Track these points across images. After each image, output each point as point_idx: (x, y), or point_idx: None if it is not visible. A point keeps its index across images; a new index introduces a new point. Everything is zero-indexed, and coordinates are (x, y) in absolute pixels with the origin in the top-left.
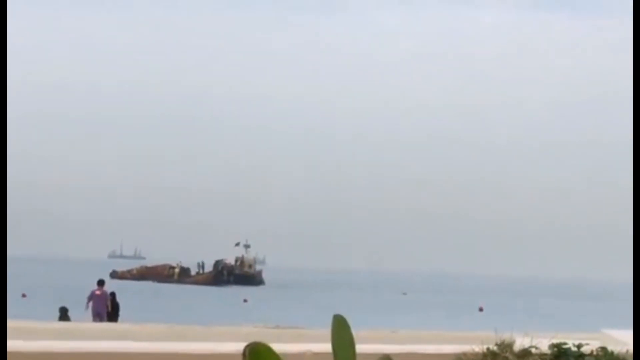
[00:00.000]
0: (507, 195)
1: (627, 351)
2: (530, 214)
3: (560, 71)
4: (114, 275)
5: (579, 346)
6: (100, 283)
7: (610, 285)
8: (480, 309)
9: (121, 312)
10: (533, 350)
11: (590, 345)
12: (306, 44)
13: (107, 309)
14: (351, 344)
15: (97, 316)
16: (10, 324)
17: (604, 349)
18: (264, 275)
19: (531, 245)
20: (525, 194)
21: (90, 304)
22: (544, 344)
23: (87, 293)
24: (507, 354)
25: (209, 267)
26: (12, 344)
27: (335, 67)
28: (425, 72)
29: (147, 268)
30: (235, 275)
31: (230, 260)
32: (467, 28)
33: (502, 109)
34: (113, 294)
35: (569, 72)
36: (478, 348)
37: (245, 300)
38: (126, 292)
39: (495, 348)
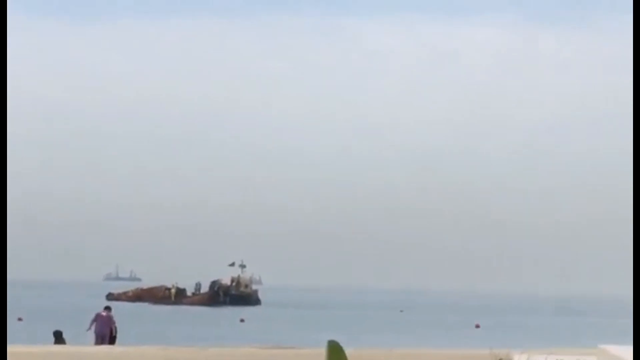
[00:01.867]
0: (500, 211)
1: None
2: (525, 230)
3: (553, 87)
4: (110, 297)
5: None
6: (107, 308)
7: (607, 300)
8: (477, 326)
9: (117, 335)
10: None
11: None
12: (304, 65)
13: (112, 332)
14: None
15: (100, 338)
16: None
17: None
18: (260, 295)
19: (527, 262)
20: (520, 209)
21: (94, 325)
22: None
23: (84, 315)
24: None
25: (205, 288)
26: None
27: (332, 86)
28: (418, 89)
29: (143, 290)
30: (232, 295)
31: (227, 280)
32: (460, 45)
33: (495, 124)
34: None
35: (562, 88)
36: None
37: (242, 320)
38: (122, 315)
39: None
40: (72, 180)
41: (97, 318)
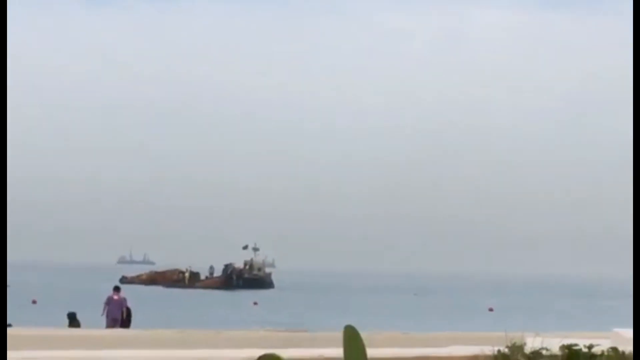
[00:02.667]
0: (516, 194)
1: None
2: (539, 213)
3: (565, 70)
4: (124, 280)
5: (589, 347)
6: (117, 289)
7: (622, 283)
8: (490, 310)
9: (132, 318)
10: (544, 352)
11: (601, 346)
12: (311, 45)
13: (123, 315)
14: (363, 355)
15: (113, 321)
16: (20, 331)
17: (614, 349)
18: (274, 278)
19: (541, 245)
20: (535, 193)
21: (107, 309)
22: (554, 345)
23: (98, 298)
24: (519, 356)
25: (218, 272)
26: (20, 354)
27: (343, 67)
28: (429, 72)
29: (156, 273)
30: (245, 278)
31: (240, 264)
32: (470, 28)
33: (506, 108)
34: (124, 300)
35: (577, 71)
36: (489, 350)
37: (255, 303)
38: (136, 298)
39: (506, 350)
40: (87, 163)
41: (110, 301)
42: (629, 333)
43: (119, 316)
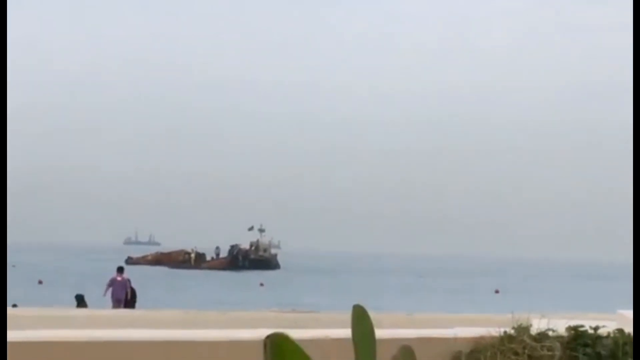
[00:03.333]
0: (519, 177)
1: None
2: (544, 195)
3: (572, 55)
4: (130, 261)
5: (595, 328)
6: (120, 270)
7: (626, 265)
8: (496, 291)
9: (137, 298)
10: (550, 333)
11: (607, 327)
12: (316, 32)
13: (127, 295)
14: (371, 334)
15: (117, 302)
16: (25, 311)
17: (620, 330)
18: (280, 260)
19: (546, 227)
20: (537, 175)
21: (110, 290)
22: (560, 326)
23: (104, 279)
24: (525, 337)
25: (224, 252)
26: (25, 334)
27: (348, 54)
28: (436, 57)
29: (162, 254)
30: (251, 259)
31: (246, 245)
32: (478, 13)
33: (512, 92)
34: (128, 281)
35: (581, 56)
36: (495, 332)
37: (261, 284)
38: (142, 278)
39: (512, 331)
40: (93, 145)
41: (113, 282)
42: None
43: (123, 297)
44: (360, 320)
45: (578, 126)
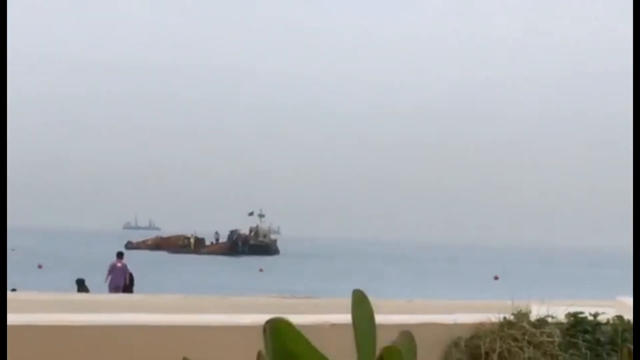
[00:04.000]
0: (521, 165)
1: None
2: (544, 183)
3: (574, 43)
4: (129, 245)
5: (595, 315)
6: (120, 255)
7: (625, 252)
8: (496, 278)
9: (136, 283)
10: (549, 319)
11: (606, 314)
12: (317, 22)
13: (126, 281)
14: (371, 319)
15: (115, 288)
16: (25, 295)
17: (620, 317)
18: (279, 245)
19: (546, 214)
20: (539, 163)
21: (110, 276)
22: (560, 313)
23: (103, 264)
24: (524, 323)
25: (223, 238)
26: (25, 317)
27: (348, 45)
28: (438, 47)
29: (162, 239)
30: (250, 245)
31: (245, 230)
32: (479, 2)
33: (515, 81)
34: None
35: (583, 44)
36: (495, 318)
37: (260, 270)
38: (141, 263)
39: (512, 317)
40: (94, 130)
41: (113, 268)
42: (632, 301)
43: (122, 283)
44: (360, 304)
45: (582, 116)
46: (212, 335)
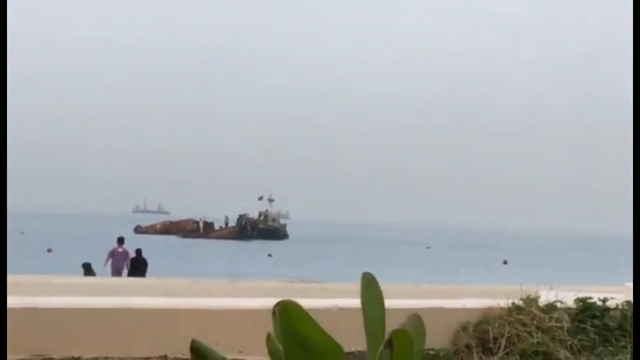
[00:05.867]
0: (526, 150)
1: None
2: (550, 169)
3: (579, 25)
4: (138, 230)
5: (604, 300)
6: (120, 241)
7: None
8: (505, 262)
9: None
10: (558, 304)
11: (615, 299)
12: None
13: (127, 267)
14: (380, 301)
15: (117, 273)
16: (34, 278)
17: (628, 302)
18: (288, 230)
19: (554, 200)
20: (547, 147)
21: (110, 260)
22: (569, 298)
23: (112, 247)
24: (533, 309)
25: (233, 222)
26: (33, 300)
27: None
28: (444, 30)
29: (171, 223)
30: (259, 229)
31: (254, 214)
32: None
33: (521, 64)
34: (139, 251)
35: (588, 26)
36: (504, 303)
37: (269, 255)
38: (151, 247)
39: (520, 303)
40: (103, 114)
41: (114, 253)
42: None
43: (123, 268)
44: (369, 287)
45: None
46: (222, 319)
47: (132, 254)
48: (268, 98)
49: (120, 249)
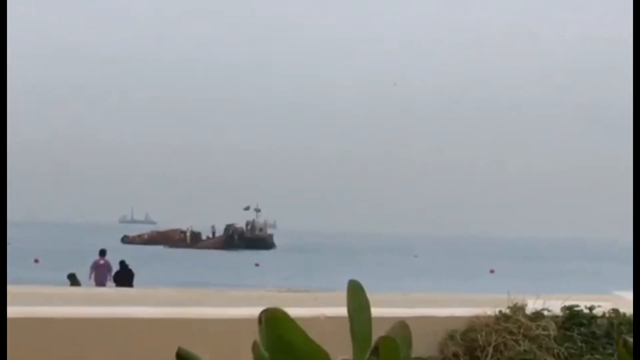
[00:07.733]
0: (520, 156)
1: None
2: (540, 176)
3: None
4: (125, 240)
5: (590, 308)
6: (102, 253)
7: (623, 246)
8: (492, 271)
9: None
10: (545, 312)
11: (602, 307)
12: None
13: (110, 280)
14: (367, 308)
15: (100, 285)
16: (23, 289)
17: (615, 310)
18: (275, 239)
19: (541, 207)
20: (539, 154)
21: (93, 273)
22: (555, 306)
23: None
24: (520, 317)
25: (220, 232)
26: (24, 310)
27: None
28: (438, 38)
29: (158, 233)
30: (246, 239)
31: (241, 224)
32: None
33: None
34: (122, 262)
35: (583, 37)
36: (491, 311)
37: (257, 264)
38: (138, 257)
39: (507, 311)
40: (88, 121)
41: (95, 265)
42: (629, 295)
43: (106, 280)
44: (356, 294)
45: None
46: (207, 328)
47: (115, 266)
48: (255, 104)
49: (102, 261)
